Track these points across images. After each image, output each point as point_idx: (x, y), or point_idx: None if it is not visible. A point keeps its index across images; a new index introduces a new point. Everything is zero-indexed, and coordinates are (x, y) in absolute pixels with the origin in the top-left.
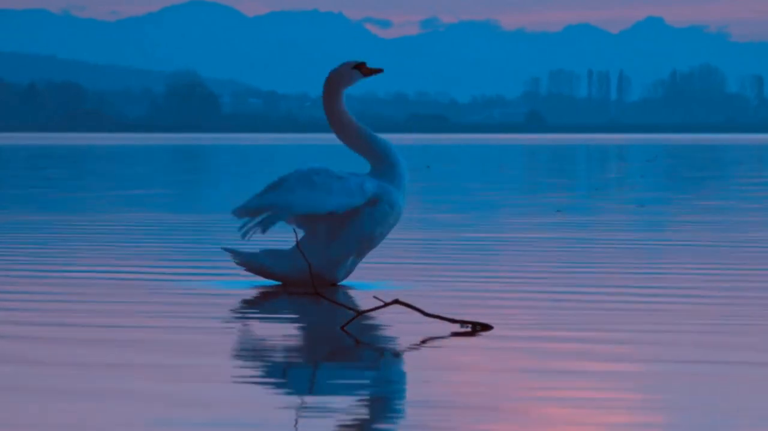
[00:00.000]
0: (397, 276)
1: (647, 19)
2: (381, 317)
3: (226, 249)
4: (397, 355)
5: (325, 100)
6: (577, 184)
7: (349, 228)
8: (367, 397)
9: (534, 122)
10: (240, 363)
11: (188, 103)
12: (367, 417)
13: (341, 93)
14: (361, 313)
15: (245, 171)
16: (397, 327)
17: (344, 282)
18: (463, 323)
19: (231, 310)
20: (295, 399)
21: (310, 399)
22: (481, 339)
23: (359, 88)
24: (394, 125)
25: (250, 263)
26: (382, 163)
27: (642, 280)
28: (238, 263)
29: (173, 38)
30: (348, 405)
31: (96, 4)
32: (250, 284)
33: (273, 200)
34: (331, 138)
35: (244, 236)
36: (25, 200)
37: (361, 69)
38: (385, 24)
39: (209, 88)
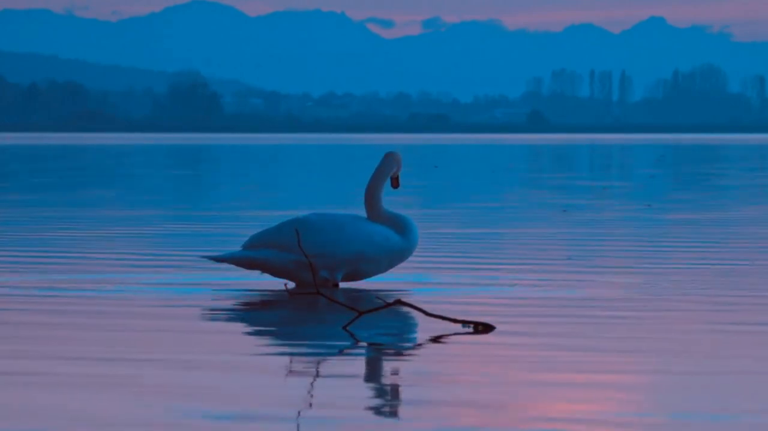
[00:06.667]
0: (399, 276)
1: (649, 19)
2: (383, 317)
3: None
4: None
5: (373, 181)
6: (583, 184)
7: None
8: (369, 396)
9: (536, 122)
10: (242, 361)
11: (190, 103)
12: (368, 416)
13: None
14: (363, 313)
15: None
16: (399, 327)
17: (346, 282)
18: (465, 323)
19: (233, 310)
20: (297, 398)
21: (311, 398)
22: (483, 340)
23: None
24: (396, 125)
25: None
26: (400, 226)
27: (646, 279)
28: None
29: (175, 38)
30: (349, 404)
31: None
32: (252, 284)
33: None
34: (330, 139)
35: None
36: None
37: (395, 178)
38: (387, 24)
39: (211, 88)
